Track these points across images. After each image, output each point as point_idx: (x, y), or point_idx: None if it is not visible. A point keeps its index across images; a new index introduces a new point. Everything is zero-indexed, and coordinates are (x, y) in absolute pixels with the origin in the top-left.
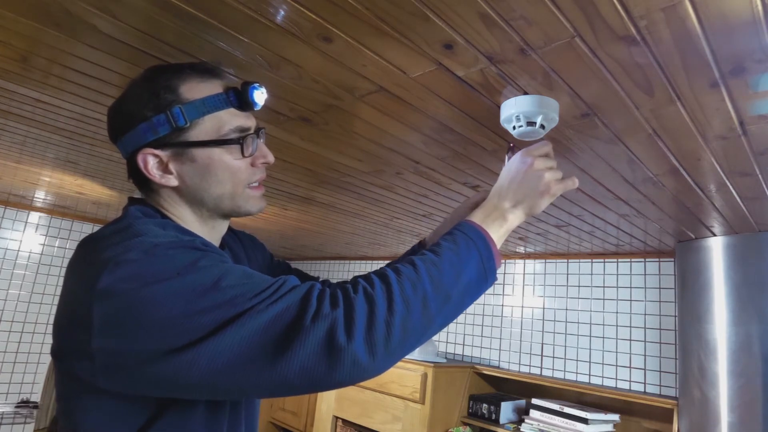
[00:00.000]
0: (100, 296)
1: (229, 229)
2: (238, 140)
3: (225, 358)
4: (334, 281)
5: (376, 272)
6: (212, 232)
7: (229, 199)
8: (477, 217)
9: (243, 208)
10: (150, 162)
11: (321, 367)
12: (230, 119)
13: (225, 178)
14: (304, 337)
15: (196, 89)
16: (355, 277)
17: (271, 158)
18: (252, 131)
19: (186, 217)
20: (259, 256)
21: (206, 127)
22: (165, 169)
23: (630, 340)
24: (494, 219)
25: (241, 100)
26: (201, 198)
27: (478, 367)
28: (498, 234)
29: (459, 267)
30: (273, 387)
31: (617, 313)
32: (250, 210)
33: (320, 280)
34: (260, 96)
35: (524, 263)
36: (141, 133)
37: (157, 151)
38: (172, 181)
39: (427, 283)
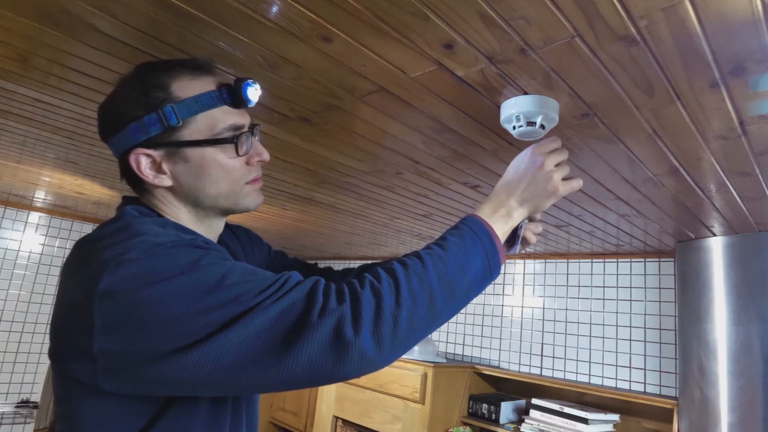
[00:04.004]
0: (102, 297)
1: (226, 225)
2: (232, 139)
3: (232, 356)
4: (336, 268)
5: (382, 265)
6: (209, 231)
7: (225, 198)
8: (484, 213)
9: (241, 204)
10: (142, 162)
11: (328, 361)
12: (224, 117)
13: (220, 177)
14: (312, 332)
15: (187, 87)
16: (360, 269)
17: (266, 156)
18: (246, 129)
19: (182, 217)
20: (256, 251)
21: (199, 125)
22: (158, 169)
23: (630, 340)
24: (501, 216)
25: (234, 97)
26: (196, 197)
27: (478, 367)
28: (503, 230)
29: (465, 262)
30: (280, 382)
31: (617, 313)
32: (248, 206)
33: (320, 266)
34: (254, 93)
35: (524, 263)
36: (132, 133)
37: (149, 151)
38: (166, 182)
39: (433, 277)
